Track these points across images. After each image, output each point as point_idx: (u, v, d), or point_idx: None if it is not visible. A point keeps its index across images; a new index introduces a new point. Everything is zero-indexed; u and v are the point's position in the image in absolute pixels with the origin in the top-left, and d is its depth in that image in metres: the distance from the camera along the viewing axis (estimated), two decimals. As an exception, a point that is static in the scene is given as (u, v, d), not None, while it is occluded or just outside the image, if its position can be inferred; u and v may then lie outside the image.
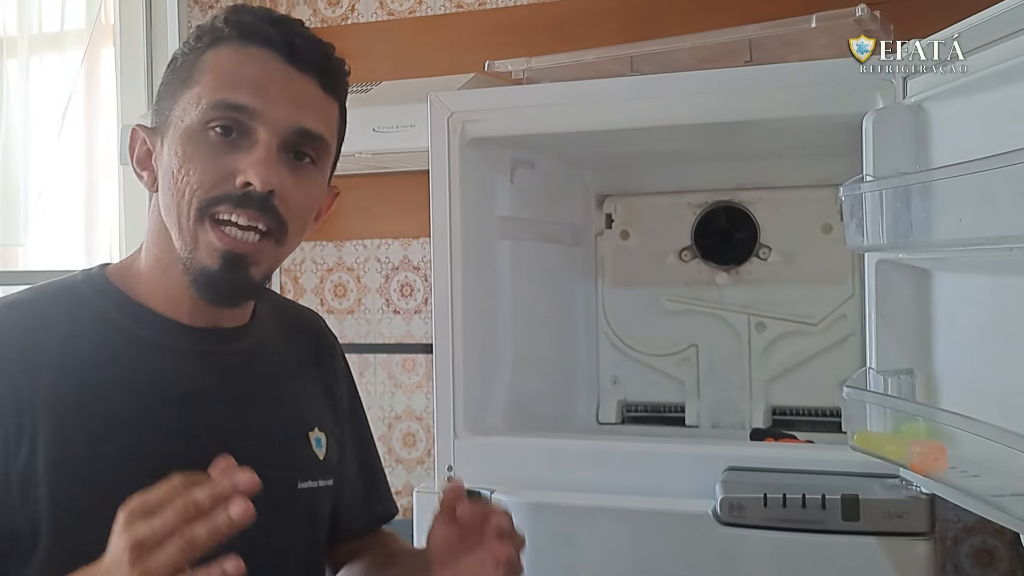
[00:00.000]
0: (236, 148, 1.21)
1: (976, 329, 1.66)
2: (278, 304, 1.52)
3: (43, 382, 1.17)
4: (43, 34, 2.80)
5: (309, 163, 1.27)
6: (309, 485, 1.37)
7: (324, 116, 1.29)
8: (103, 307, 1.27)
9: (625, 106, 2.08)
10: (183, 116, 1.23)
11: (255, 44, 1.24)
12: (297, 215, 1.26)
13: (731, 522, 1.84)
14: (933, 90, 1.70)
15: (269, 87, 1.22)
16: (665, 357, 2.66)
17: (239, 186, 1.20)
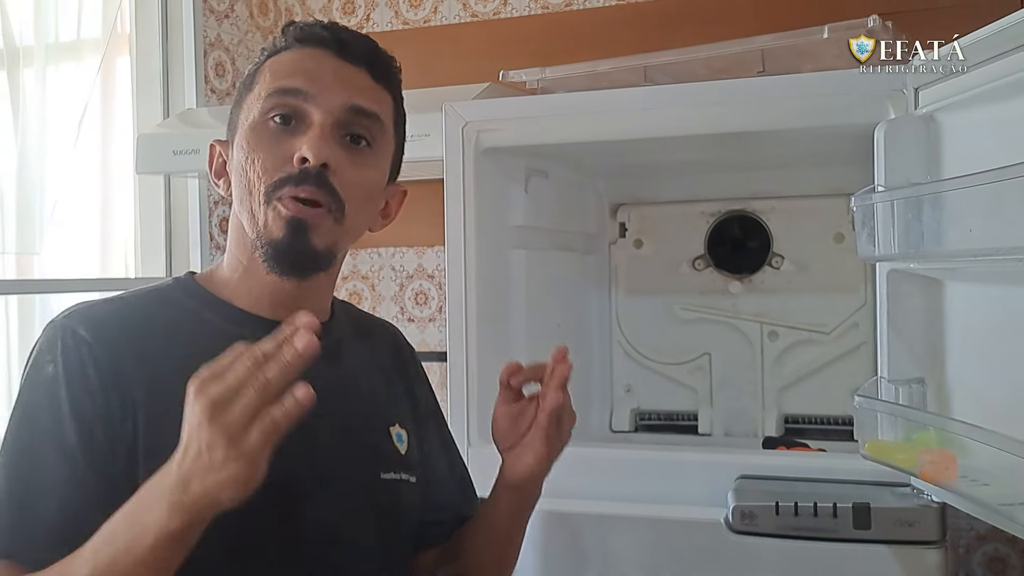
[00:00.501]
0: (294, 133, 1.29)
1: (987, 338, 1.67)
2: (356, 314, 1.57)
3: (143, 370, 1.24)
4: (59, 43, 2.81)
5: (365, 145, 1.33)
6: (391, 477, 1.40)
7: (377, 99, 1.35)
8: (192, 306, 1.34)
9: (639, 116, 2.09)
10: (247, 115, 1.32)
11: (308, 45, 1.33)
12: (354, 194, 1.31)
13: (743, 530, 1.85)
14: (945, 101, 1.71)
15: (322, 74, 1.30)
16: (678, 365, 2.67)
17: (296, 163, 1.26)
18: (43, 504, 1.17)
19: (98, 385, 1.21)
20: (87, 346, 1.23)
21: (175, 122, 2.85)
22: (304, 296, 1.34)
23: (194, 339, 1.30)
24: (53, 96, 2.76)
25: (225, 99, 3.06)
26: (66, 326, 1.25)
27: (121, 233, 2.97)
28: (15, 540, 1.16)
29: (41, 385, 1.23)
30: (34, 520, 1.17)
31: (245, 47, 3.16)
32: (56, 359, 1.22)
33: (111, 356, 1.23)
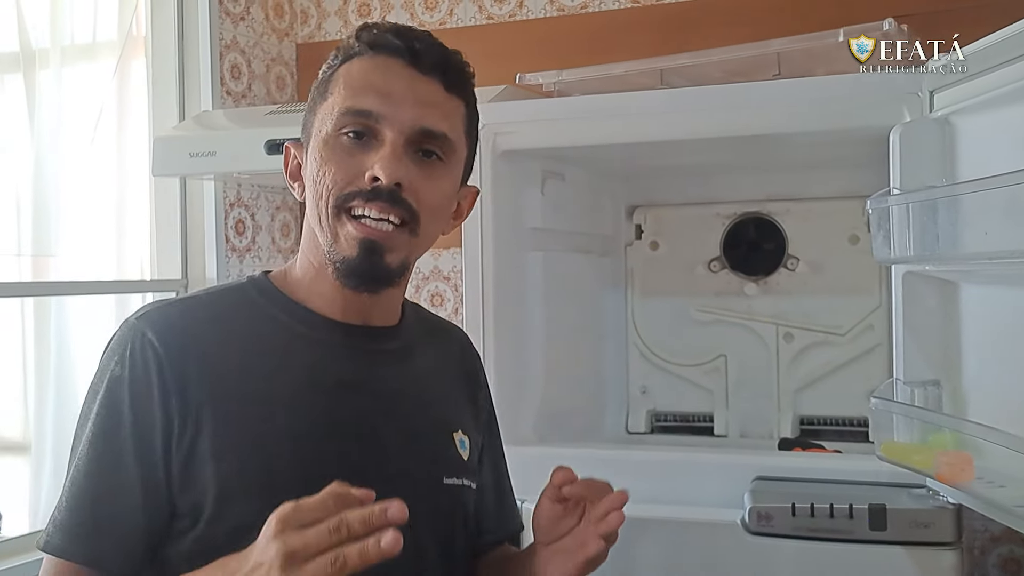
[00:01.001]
0: (366, 149, 1.30)
1: (1003, 340, 1.67)
2: (426, 317, 1.58)
3: (211, 371, 1.27)
4: (75, 45, 2.83)
5: (436, 159, 1.34)
6: (454, 482, 1.42)
7: (447, 115, 1.35)
8: (265, 306, 1.37)
9: (655, 119, 2.10)
10: (321, 127, 1.32)
11: (382, 53, 1.33)
12: (428, 207, 1.32)
13: (759, 531, 1.86)
14: (960, 104, 1.72)
15: (393, 91, 1.30)
16: (694, 367, 2.67)
17: (368, 181, 1.28)
18: (100, 506, 1.22)
19: (159, 393, 1.24)
20: (153, 351, 1.26)
21: (191, 124, 2.86)
22: (376, 303, 1.38)
23: (267, 339, 1.33)
24: (69, 98, 2.78)
25: (241, 101, 3.08)
26: (136, 329, 1.28)
27: (137, 235, 2.98)
28: (72, 542, 1.21)
29: (107, 387, 1.26)
30: (88, 525, 1.21)
31: (261, 49, 3.17)
32: (124, 363, 1.26)
33: (179, 359, 1.26)
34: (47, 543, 1.22)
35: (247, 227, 3.09)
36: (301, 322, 1.36)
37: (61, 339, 2.75)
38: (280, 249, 3.21)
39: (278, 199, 3.20)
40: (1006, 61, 1.54)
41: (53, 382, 2.73)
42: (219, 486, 1.22)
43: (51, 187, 2.71)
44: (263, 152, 2.53)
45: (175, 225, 3.00)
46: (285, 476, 1.19)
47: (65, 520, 1.22)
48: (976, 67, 1.62)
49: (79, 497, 1.23)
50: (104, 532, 1.21)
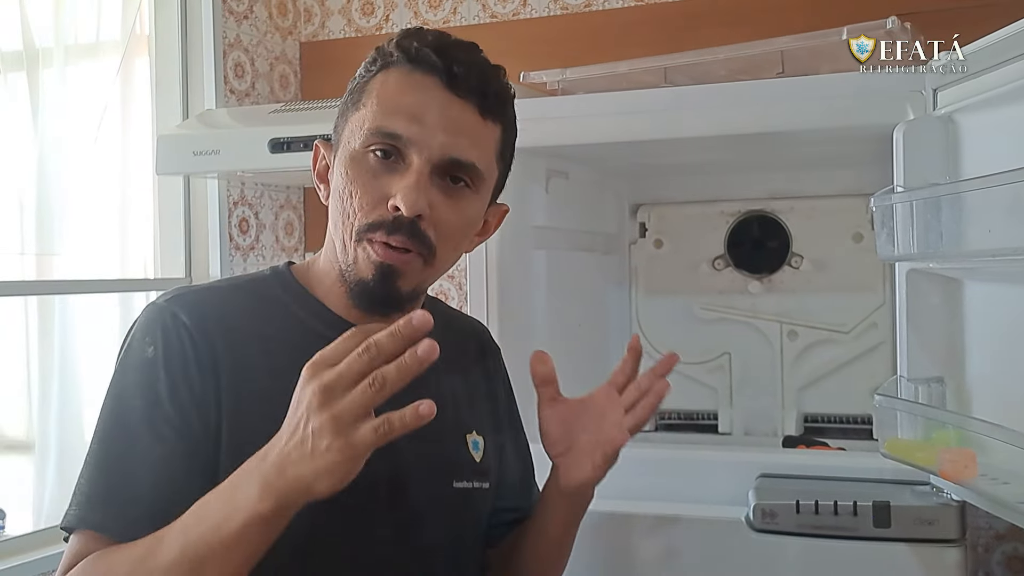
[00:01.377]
0: (393, 170, 1.28)
1: (1007, 337, 1.67)
2: (444, 312, 1.58)
3: (232, 359, 1.28)
4: (78, 44, 2.83)
5: (464, 187, 1.32)
6: (464, 485, 1.42)
7: (479, 142, 1.33)
8: (286, 300, 1.38)
9: (659, 117, 2.10)
10: (350, 138, 1.32)
11: (419, 70, 1.30)
12: (447, 236, 1.32)
13: (764, 529, 1.86)
14: (964, 102, 1.72)
15: (426, 115, 1.28)
16: (698, 365, 2.68)
17: (390, 210, 1.27)
18: (136, 482, 1.21)
19: (196, 370, 1.25)
20: (186, 330, 1.27)
21: (194, 123, 2.86)
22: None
23: (286, 335, 1.34)
24: (72, 97, 2.78)
25: (244, 100, 3.08)
26: (166, 309, 1.29)
27: (140, 234, 2.99)
28: (107, 515, 1.20)
29: (140, 367, 1.26)
30: (126, 497, 1.20)
31: (264, 48, 3.18)
32: (156, 342, 1.26)
33: (207, 341, 1.27)
34: (80, 520, 1.21)
35: (251, 225, 3.09)
36: (321, 321, 1.35)
37: (65, 338, 2.76)
38: (284, 247, 3.22)
39: (282, 198, 3.21)
40: (1009, 59, 1.54)
41: (57, 381, 2.73)
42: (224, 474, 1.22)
43: (55, 186, 2.71)
44: (267, 151, 2.53)
45: (179, 223, 3.00)
46: None
47: (100, 497, 1.21)
48: (979, 65, 1.62)
49: (117, 475, 1.22)
50: (146, 510, 1.19)
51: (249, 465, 1.10)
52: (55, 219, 2.73)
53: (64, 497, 2.60)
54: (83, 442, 1.28)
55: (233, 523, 1.07)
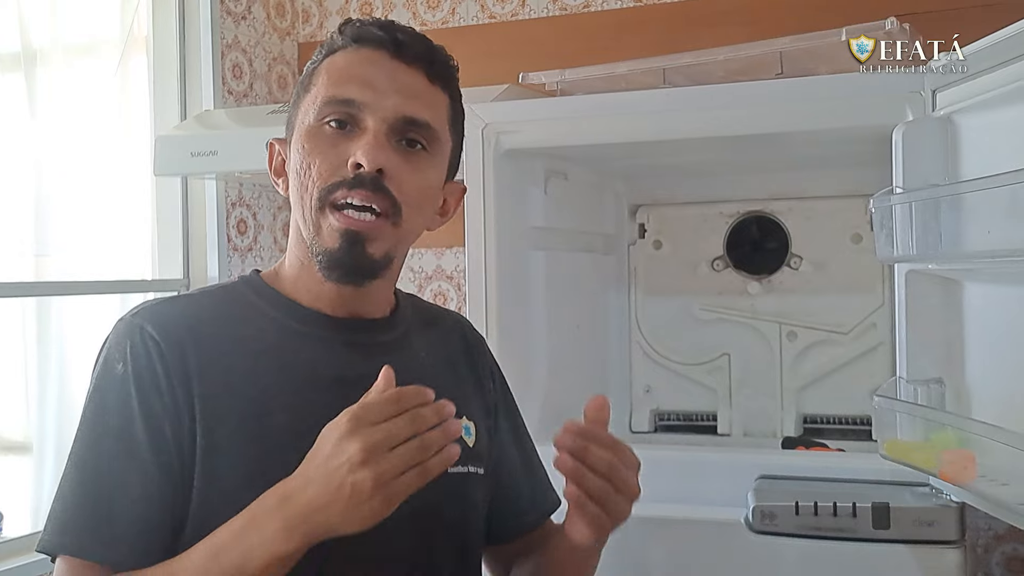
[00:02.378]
0: (349, 138, 1.30)
1: (1006, 338, 1.67)
2: (423, 307, 1.58)
3: (207, 367, 1.27)
4: (76, 44, 2.83)
5: (421, 149, 1.34)
6: (459, 470, 1.40)
7: (431, 104, 1.35)
8: (258, 303, 1.38)
9: (658, 118, 2.10)
10: (304, 118, 1.33)
11: (366, 46, 1.33)
12: (411, 197, 1.32)
13: (763, 530, 1.86)
14: (963, 103, 1.72)
15: (376, 81, 1.31)
16: (697, 366, 2.68)
17: (351, 168, 1.28)
18: (112, 503, 1.20)
19: (166, 384, 1.24)
20: (154, 342, 1.26)
21: (192, 124, 2.86)
22: (364, 296, 1.37)
23: (261, 336, 1.33)
24: (70, 97, 2.78)
25: (243, 100, 3.08)
26: (133, 324, 1.28)
27: (138, 235, 2.98)
28: (85, 538, 1.19)
29: (110, 386, 1.25)
30: (103, 518, 1.20)
31: (262, 48, 3.18)
32: (125, 359, 1.25)
33: (178, 353, 1.26)
34: (59, 545, 1.20)
35: (249, 226, 3.09)
36: (294, 318, 1.36)
37: (62, 339, 2.75)
38: (282, 248, 3.19)
39: (280, 198, 3.20)
40: (1008, 60, 1.54)
41: (55, 382, 2.73)
42: (218, 482, 1.22)
43: (52, 186, 2.71)
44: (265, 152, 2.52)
45: (176, 224, 3.00)
46: (283, 473, 1.17)
47: (78, 520, 1.21)
48: (978, 66, 1.62)
49: (94, 496, 1.21)
50: (126, 530, 1.19)
51: (266, 503, 1.13)
52: (53, 220, 2.73)
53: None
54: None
55: (253, 563, 1.12)
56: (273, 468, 1.18)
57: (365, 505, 1.08)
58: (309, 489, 1.11)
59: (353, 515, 1.09)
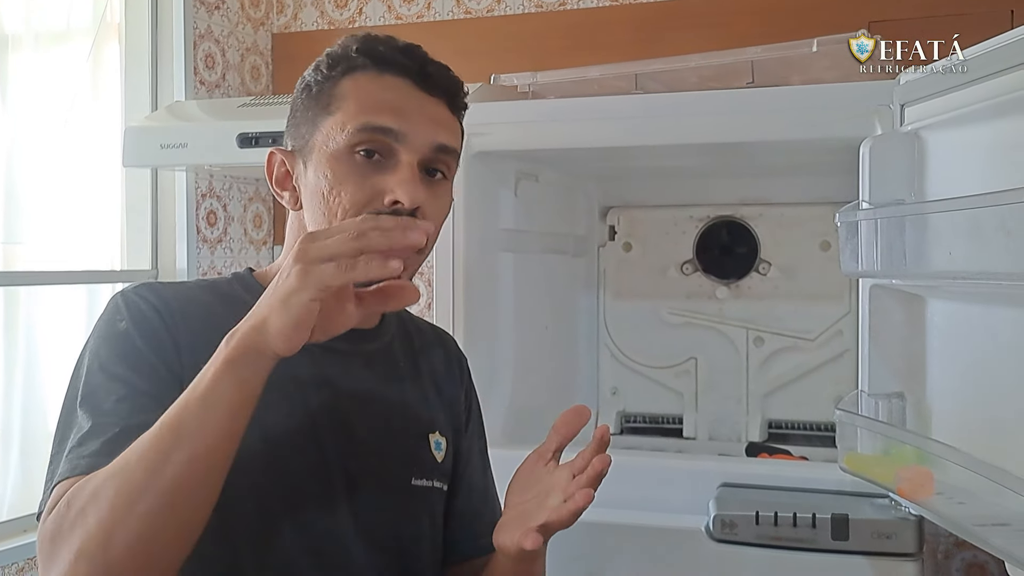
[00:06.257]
0: (381, 169, 1.28)
1: (967, 356, 1.68)
2: (408, 318, 1.58)
3: (195, 353, 1.25)
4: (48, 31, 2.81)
5: (441, 177, 1.34)
6: (423, 483, 1.42)
7: (455, 134, 1.36)
8: (248, 300, 1.32)
9: (630, 124, 2.10)
10: (327, 141, 1.31)
11: (390, 72, 1.31)
12: (438, 225, 1.32)
13: (723, 539, 1.86)
14: (931, 119, 1.72)
15: (408, 111, 1.30)
16: (665, 369, 2.69)
17: (387, 204, 1.27)
18: (123, 433, 1.18)
19: (166, 337, 1.26)
20: (155, 310, 1.28)
21: (163, 115, 2.84)
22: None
23: None
24: (42, 84, 2.76)
25: (215, 91, 3.06)
26: (133, 293, 1.30)
27: (108, 223, 2.96)
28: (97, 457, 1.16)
29: (115, 338, 1.26)
30: (116, 446, 1.16)
31: (235, 39, 3.16)
32: (126, 318, 1.27)
33: (174, 323, 1.28)
34: (74, 468, 1.16)
35: (219, 218, 3.07)
36: None
37: (30, 328, 2.74)
38: (252, 240, 3.20)
39: (251, 190, 3.19)
40: (977, 78, 1.54)
41: (21, 371, 2.72)
42: None
43: (22, 174, 2.69)
44: (235, 145, 2.52)
45: (146, 214, 2.98)
46: (253, 466, 1.19)
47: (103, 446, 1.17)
48: (947, 83, 1.63)
49: (102, 433, 1.19)
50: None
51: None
52: (22, 209, 2.71)
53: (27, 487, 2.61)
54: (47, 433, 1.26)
55: (205, 379, 1.10)
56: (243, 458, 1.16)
57: (286, 282, 1.06)
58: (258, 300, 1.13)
59: (274, 300, 1.08)
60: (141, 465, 1.08)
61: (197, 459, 1.09)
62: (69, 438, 1.20)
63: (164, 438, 1.08)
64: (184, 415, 1.09)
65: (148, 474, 1.07)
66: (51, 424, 1.30)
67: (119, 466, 1.09)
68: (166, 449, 1.08)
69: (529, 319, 2.45)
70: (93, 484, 1.09)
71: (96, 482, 1.09)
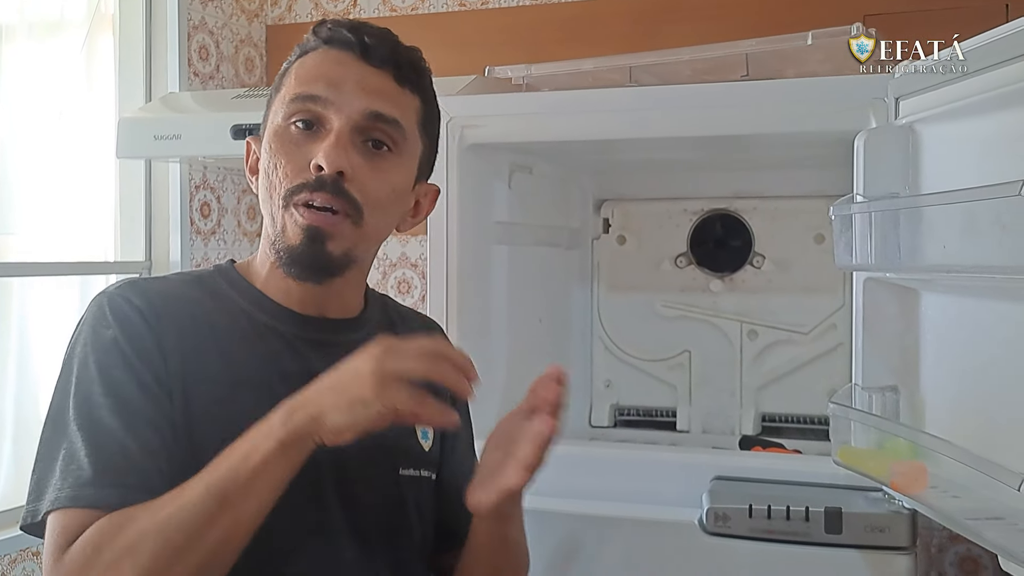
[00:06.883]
0: (314, 138, 1.31)
1: (960, 349, 1.68)
2: (394, 308, 1.59)
3: (181, 345, 1.29)
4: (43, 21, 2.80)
5: (386, 151, 1.35)
6: (411, 473, 1.43)
7: (399, 104, 1.36)
8: (230, 294, 1.40)
9: (624, 117, 2.10)
10: (274, 118, 1.35)
11: (334, 47, 1.35)
12: (374, 199, 1.33)
13: (716, 532, 1.86)
14: (925, 112, 1.72)
15: (343, 81, 1.32)
16: (658, 362, 2.68)
17: (313, 170, 1.29)
18: (128, 451, 1.20)
19: (155, 347, 1.27)
20: (139, 312, 1.29)
21: (157, 106, 2.83)
22: (329, 295, 1.39)
23: (232, 326, 1.35)
24: (35, 74, 2.75)
25: (208, 82, 3.06)
26: (117, 295, 1.31)
27: (102, 214, 2.95)
28: (105, 488, 1.18)
29: (103, 347, 1.26)
30: (121, 467, 1.19)
31: (230, 30, 3.15)
32: (113, 324, 1.27)
33: (160, 323, 1.29)
34: (76, 498, 1.17)
35: (212, 210, 3.07)
36: (264, 312, 1.37)
37: (23, 320, 2.73)
38: (246, 232, 3.20)
39: (244, 182, 3.14)
40: (972, 72, 1.54)
41: (15, 363, 2.71)
42: (179, 459, 1.23)
43: (15, 165, 2.69)
44: (229, 137, 2.51)
45: (139, 206, 2.98)
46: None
47: (99, 472, 1.18)
48: (942, 77, 1.62)
49: (110, 449, 1.20)
50: (143, 477, 1.19)
51: (281, 404, 1.18)
52: (15, 200, 2.70)
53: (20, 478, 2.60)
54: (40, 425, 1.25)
55: (259, 452, 1.14)
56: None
57: (357, 395, 1.12)
58: (315, 383, 1.17)
59: (340, 400, 1.12)
60: (184, 528, 1.12)
61: (240, 524, 1.14)
62: (61, 455, 1.21)
63: (209, 505, 1.13)
64: (231, 485, 1.14)
65: (190, 538, 1.12)
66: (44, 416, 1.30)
67: (157, 523, 1.13)
68: (210, 514, 1.12)
69: (523, 312, 2.44)
70: (128, 537, 1.13)
71: (131, 536, 1.13)
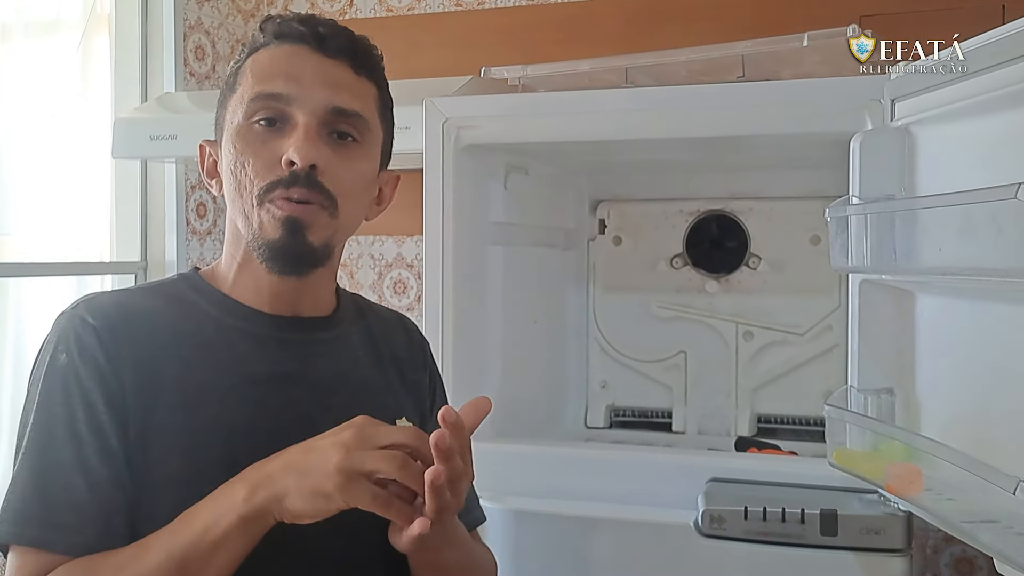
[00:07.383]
0: (280, 134, 1.30)
1: (955, 351, 1.68)
2: (366, 306, 1.58)
3: (144, 358, 1.28)
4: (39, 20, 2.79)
5: (352, 141, 1.35)
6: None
7: (359, 95, 1.36)
8: (196, 300, 1.38)
9: (620, 118, 2.10)
10: (232, 118, 1.33)
11: (287, 42, 1.34)
12: (346, 189, 1.33)
13: (712, 534, 1.86)
14: (921, 114, 1.72)
15: (302, 75, 1.31)
16: (654, 363, 2.68)
17: (284, 166, 1.29)
18: (70, 489, 1.20)
19: (108, 369, 1.25)
20: (94, 332, 1.27)
21: (153, 106, 2.83)
22: (303, 291, 1.38)
23: (199, 332, 1.34)
24: (31, 74, 2.75)
25: (204, 83, 3.05)
26: (74, 315, 1.29)
27: (97, 214, 2.95)
28: (46, 528, 1.19)
29: (56, 375, 1.26)
30: (62, 506, 1.20)
31: (226, 30, 3.15)
32: (68, 348, 1.26)
33: (115, 340, 1.27)
34: (19, 535, 1.19)
35: (208, 210, 3.06)
36: (232, 315, 1.36)
37: (19, 321, 2.73)
38: (243, 233, 3.18)
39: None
40: (968, 74, 1.54)
41: (11, 364, 2.70)
42: (149, 472, 1.23)
43: (11, 166, 2.68)
44: (209, 146, 2.50)
45: (135, 206, 2.97)
46: (214, 467, 1.20)
47: (30, 510, 1.20)
48: (938, 78, 1.62)
49: (45, 485, 1.21)
50: (80, 517, 1.19)
51: (246, 472, 1.17)
52: (10, 199, 2.70)
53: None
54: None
55: (220, 525, 1.14)
56: (201, 460, 1.21)
57: (319, 478, 1.11)
58: (283, 456, 1.16)
59: (304, 485, 1.12)
60: None
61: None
62: (14, 485, 1.23)
63: (170, 572, 1.15)
64: (192, 554, 1.15)
65: None
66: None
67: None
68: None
69: (518, 312, 2.44)
70: None
71: None
